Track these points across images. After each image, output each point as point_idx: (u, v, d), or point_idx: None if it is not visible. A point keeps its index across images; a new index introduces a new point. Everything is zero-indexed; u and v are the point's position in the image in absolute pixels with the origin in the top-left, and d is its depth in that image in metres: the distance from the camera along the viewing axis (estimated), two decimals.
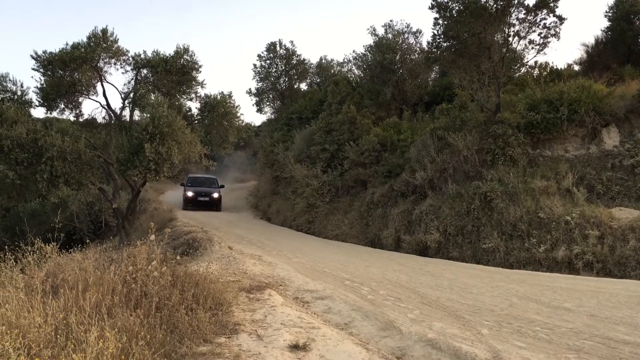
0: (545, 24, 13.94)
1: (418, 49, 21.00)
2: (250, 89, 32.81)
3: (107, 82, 16.26)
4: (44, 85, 15.30)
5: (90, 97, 16.45)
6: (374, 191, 16.17)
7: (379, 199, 15.78)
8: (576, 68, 18.81)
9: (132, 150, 12.93)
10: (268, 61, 31.65)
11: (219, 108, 16.23)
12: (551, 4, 13.71)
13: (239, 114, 16.80)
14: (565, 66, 18.66)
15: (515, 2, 13.74)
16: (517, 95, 14.97)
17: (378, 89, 20.18)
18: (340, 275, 9.21)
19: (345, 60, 30.62)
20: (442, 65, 17.88)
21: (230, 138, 16.70)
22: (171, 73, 15.82)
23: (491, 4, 13.61)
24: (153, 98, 15.57)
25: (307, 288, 7.85)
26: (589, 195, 11.85)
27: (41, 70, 15.18)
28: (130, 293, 5.20)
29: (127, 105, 16.47)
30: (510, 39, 14.29)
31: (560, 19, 13.79)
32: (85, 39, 15.06)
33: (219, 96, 16.48)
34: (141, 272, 5.48)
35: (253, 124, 40.19)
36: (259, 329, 5.30)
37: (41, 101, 15.49)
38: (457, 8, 14.09)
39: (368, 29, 21.82)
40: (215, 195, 24.49)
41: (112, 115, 16.65)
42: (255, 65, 31.96)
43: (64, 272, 5.54)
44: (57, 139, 13.08)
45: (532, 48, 14.42)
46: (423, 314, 6.35)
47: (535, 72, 17.55)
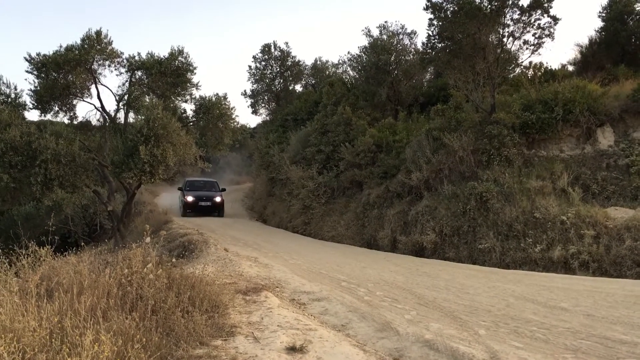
0: (539, 24, 14.02)
1: (413, 50, 21.05)
2: (245, 91, 32.88)
3: (102, 84, 16.22)
4: (38, 88, 15.23)
5: (85, 100, 16.40)
6: (370, 192, 16.16)
7: (375, 200, 15.78)
8: (570, 68, 18.92)
9: (127, 153, 12.89)
10: (263, 63, 31.72)
11: (214, 110, 16.20)
12: (545, 5, 13.77)
13: (234, 116, 16.79)
14: (560, 66, 18.78)
15: (510, 3, 13.80)
16: (512, 95, 15.01)
17: (373, 90, 20.19)
18: (336, 276, 9.20)
19: (340, 61, 30.76)
20: (437, 66, 17.91)
21: (225, 140, 16.65)
22: (166, 75, 15.78)
23: (485, 4, 13.67)
24: (148, 100, 15.50)
25: (304, 290, 7.83)
26: (584, 195, 11.89)
27: (35, 72, 15.10)
28: (126, 296, 5.16)
29: (122, 107, 16.40)
30: (504, 39, 14.37)
31: (555, 20, 13.86)
32: (79, 41, 15.04)
33: (214, 98, 16.46)
34: (137, 275, 5.45)
35: (248, 126, 40.11)
36: (256, 331, 5.28)
37: (35, 104, 15.43)
38: (452, 9, 14.13)
39: (363, 30, 21.88)
40: (218, 199, 22.93)
41: (107, 117, 16.59)
42: (250, 66, 32.07)
43: (58, 276, 5.50)
44: (51, 141, 13.02)
45: (527, 48, 14.51)
46: (420, 315, 6.33)
47: (530, 73, 17.61)
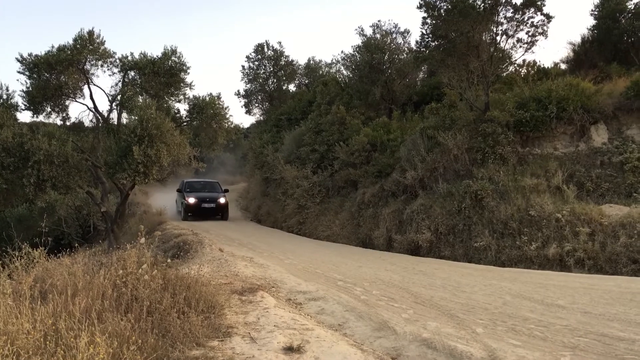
0: (532, 22, 14.07)
1: (406, 48, 21.06)
2: (238, 91, 32.77)
3: (94, 85, 16.09)
4: (30, 89, 15.10)
5: (77, 100, 16.27)
6: (365, 191, 16.13)
7: (370, 199, 15.75)
8: (563, 66, 19.02)
9: (121, 153, 12.82)
10: (256, 62, 31.62)
11: (207, 109, 16.15)
12: (538, 3, 13.82)
13: (227, 116, 16.74)
14: (553, 65, 18.85)
15: (503, 1, 13.83)
16: (506, 93, 15.03)
17: (367, 89, 20.17)
18: (332, 276, 9.17)
19: (334, 60, 30.72)
20: (431, 65, 17.92)
21: (219, 140, 16.60)
22: (159, 75, 15.69)
23: (479, 3, 13.70)
24: (141, 100, 15.43)
25: (300, 289, 7.80)
26: (578, 193, 11.92)
27: (27, 73, 14.97)
28: (121, 297, 5.12)
29: (115, 107, 16.29)
30: (498, 37, 14.40)
31: (548, 17, 13.90)
32: (71, 41, 14.93)
33: (207, 98, 16.40)
34: (131, 276, 5.40)
35: (242, 125, 40.11)
36: (252, 331, 5.24)
37: (27, 105, 15.29)
38: (445, 7, 14.15)
39: (356, 30, 21.89)
40: (222, 200, 21.39)
41: (100, 118, 16.48)
42: (243, 66, 31.97)
43: (52, 277, 5.45)
44: (44, 142, 12.92)
45: (520, 46, 14.56)
46: (417, 314, 6.32)
47: (523, 71, 17.67)
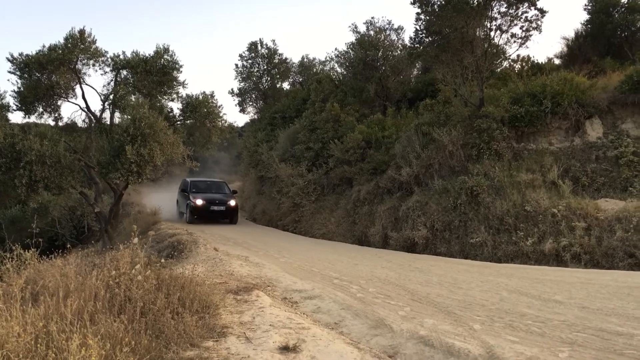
0: (526, 17, 14.05)
1: (400, 45, 21.02)
2: (232, 89, 32.67)
3: (86, 84, 16.06)
4: (21, 89, 15.03)
5: (69, 100, 16.22)
6: (360, 189, 16.09)
7: (365, 196, 15.72)
8: (557, 61, 19.01)
9: (114, 153, 12.74)
10: (250, 61, 31.56)
11: (201, 108, 16.09)
12: None
13: (221, 114, 16.69)
14: (547, 60, 18.85)
15: None
16: (501, 89, 15.03)
17: (361, 86, 20.12)
18: (328, 274, 9.11)
19: (328, 58, 30.62)
20: (425, 61, 17.89)
21: (213, 138, 16.56)
22: (151, 73, 15.64)
23: None
24: (133, 99, 15.33)
25: (296, 288, 7.73)
26: (574, 187, 11.91)
27: (17, 73, 14.91)
28: (114, 298, 5.04)
29: (107, 107, 16.23)
30: (492, 33, 14.39)
31: (542, 12, 13.88)
32: (62, 41, 14.82)
33: (200, 96, 16.34)
34: (125, 277, 5.32)
35: (236, 124, 40.02)
36: (248, 331, 5.18)
37: (19, 105, 15.23)
38: (439, 3, 14.13)
39: (349, 27, 21.75)
40: (232, 203, 19.47)
41: (92, 117, 16.39)
42: (237, 65, 31.89)
43: (44, 279, 5.37)
44: (36, 142, 12.84)
45: (514, 42, 14.56)
46: (414, 311, 6.26)
47: (518, 66, 17.65)
